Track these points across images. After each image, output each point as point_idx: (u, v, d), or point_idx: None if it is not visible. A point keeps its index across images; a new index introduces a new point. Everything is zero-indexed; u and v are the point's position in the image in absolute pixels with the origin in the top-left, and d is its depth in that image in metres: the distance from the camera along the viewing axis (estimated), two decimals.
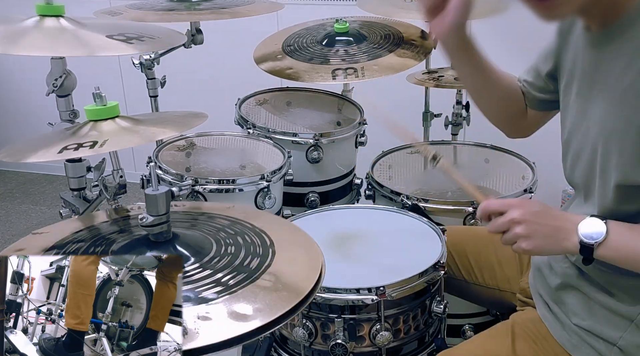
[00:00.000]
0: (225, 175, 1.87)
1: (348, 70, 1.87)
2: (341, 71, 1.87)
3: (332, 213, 1.54)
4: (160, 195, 0.96)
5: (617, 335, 1.06)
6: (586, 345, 1.09)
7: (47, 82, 1.54)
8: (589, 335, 1.09)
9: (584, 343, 1.10)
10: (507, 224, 1.05)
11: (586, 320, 1.10)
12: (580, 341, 1.10)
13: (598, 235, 0.99)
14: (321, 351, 1.26)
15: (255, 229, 1.07)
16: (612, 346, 1.07)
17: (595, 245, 0.99)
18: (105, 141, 1.09)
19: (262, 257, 0.97)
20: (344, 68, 1.88)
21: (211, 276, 0.91)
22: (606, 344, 1.07)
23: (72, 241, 1.02)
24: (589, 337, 1.09)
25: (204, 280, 0.90)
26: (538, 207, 1.06)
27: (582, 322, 1.10)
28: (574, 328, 1.11)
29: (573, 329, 1.12)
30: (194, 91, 3.00)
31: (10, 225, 3.11)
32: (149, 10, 1.82)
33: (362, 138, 2.05)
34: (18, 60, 3.37)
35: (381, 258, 1.33)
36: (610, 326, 1.07)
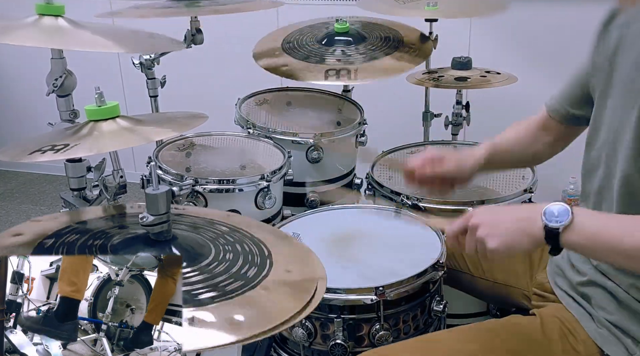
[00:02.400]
0: (225, 175, 1.87)
1: (341, 71, 1.87)
2: (334, 72, 1.87)
3: (331, 214, 1.54)
4: (161, 195, 0.96)
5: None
6: (615, 339, 1.08)
7: (47, 82, 1.54)
8: (617, 329, 1.08)
9: (613, 337, 1.08)
10: (472, 235, 1.02)
11: (613, 314, 1.08)
12: (610, 334, 1.08)
13: (562, 216, 0.95)
14: (321, 351, 1.26)
15: (254, 239, 1.07)
16: (638, 343, 1.06)
17: (561, 229, 0.94)
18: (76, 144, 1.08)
19: (259, 267, 0.96)
20: (337, 69, 1.88)
21: (208, 280, 0.90)
22: (633, 340, 1.06)
23: (70, 231, 1.02)
24: (617, 331, 1.08)
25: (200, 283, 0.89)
26: (496, 206, 1.05)
27: (610, 316, 1.09)
28: (603, 321, 1.09)
29: (602, 322, 1.10)
30: (194, 91, 3.00)
31: (10, 225, 3.08)
32: (148, 9, 1.82)
33: (362, 138, 2.05)
34: (18, 61, 3.38)
35: (380, 258, 1.33)
36: (636, 324, 1.06)
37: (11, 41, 1.19)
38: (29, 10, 1.32)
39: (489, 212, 1.04)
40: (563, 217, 0.95)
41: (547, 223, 0.95)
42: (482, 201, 1.62)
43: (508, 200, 1.66)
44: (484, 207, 1.06)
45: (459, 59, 2.07)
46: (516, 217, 1.01)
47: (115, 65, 3.23)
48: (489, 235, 1.00)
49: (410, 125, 2.39)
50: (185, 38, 1.96)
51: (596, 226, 0.96)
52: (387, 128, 2.46)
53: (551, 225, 0.95)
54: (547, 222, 0.95)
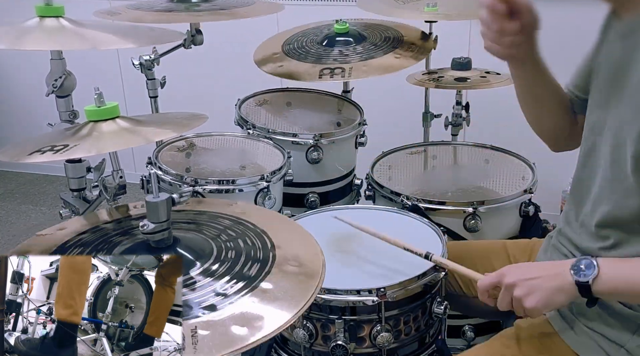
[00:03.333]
0: (225, 175, 1.87)
1: (335, 70, 1.87)
2: (328, 70, 1.87)
3: (332, 214, 1.54)
4: (162, 203, 0.96)
5: (625, 337, 1.06)
6: (594, 345, 1.09)
7: (46, 83, 1.54)
8: (597, 336, 1.09)
9: (592, 343, 1.09)
10: (507, 293, 1.07)
11: (594, 321, 1.10)
12: (589, 340, 1.10)
13: (589, 269, 1.00)
14: (321, 353, 1.25)
15: (256, 229, 1.07)
16: (619, 347, 1.07)
17: (591, 281, 1.00)
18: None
19: (262, 262, 0.96)
20: (332, 68, 1.88)
21: (210, 284, 0.90)
22: (614, 345, 1.07)
23: (74, 244, 1.02)
24: (597, 337, 1.09)
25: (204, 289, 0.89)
26: (525, 264, 1.11)
27: (590, 323, 1.10)
28: (582, 328, 1.11)
29: (582, 329, 1.11)
30: (194, 91, 3.00)
31: (10, 225, 3.10)
32: (147, 10, 1.82)
33: (362, 138, 2.05)
34: (18, 61, 3.38)
35: (381, 259, 1.32)
36: (618, 328, 1.07)
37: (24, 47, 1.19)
38: (29, 10, 1.32)
39: (522, 271, 1.08)
40: (589, 270, 1.01)
41: (577, 278, 1.01)
42: (482, 201, 1.63)
43: (508, 200, 1.66)
44: (515, 266, 1.11)
45: (458, 59, 2.07)
46: (548, 274, 1.05)
47: (115, 66, 3.23)
48: (527, 295, 1.04)
49: (410, 125, 2.39)
50: (185, 39, 1.96)
51: (622, 273, 1.01)
52: (387, 128, 2.46)
53: (581, 280, 1.01)
54: (577, 278, 1.01)
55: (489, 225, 1.64)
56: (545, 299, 1.03)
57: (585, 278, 1.00)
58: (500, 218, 1.68)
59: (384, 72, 1.87)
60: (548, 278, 1.04)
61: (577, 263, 1.02)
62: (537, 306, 1.04)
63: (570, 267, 1.02)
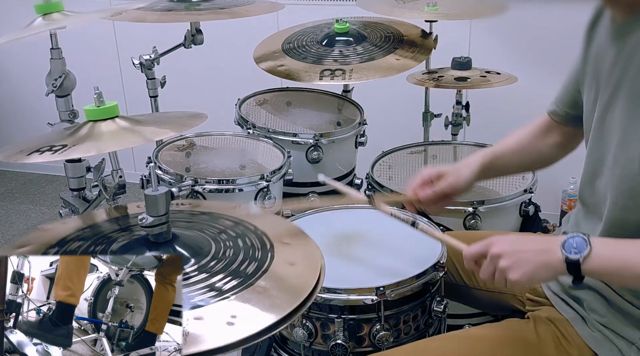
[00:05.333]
0: (225, 175, 1.87)
1: (336, 72, 1.87)
2: (329, 72, 1.87)
3: (332, 214, 1.54)
4: (160, 196, 0.96)
5: (637, 335, 1.06)
6: (608, 341, 1.08)
7: (46, 83, 1.55)
8: (609, 332, 1.08)
9: (606, 339, 1.09)
10: (492, 264, 1.05)
11: (605, 316, 1.09)
12: (603, 337, 1.09)
13: (581, 247, 0.97)
14: (321, 352, 1.25)
15: (257, 231, 1.07)
16: (631, 344, 1.06)
17: (581, 260, 0.97)
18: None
19: (259, 261, 0.96)
20: (333, 69, 1.88)
21: (206, 280, 0.90)
22: (626, 342, 1.07)
23: (74, 239, 1.02)
24: (610, 333, 1.08)
25: (199, 284, 0.89)
26: (515, 236, 1.07)
27: (602, 318, 1.09)
28: (595, 324, 1.10)
29: (595, 325, 1.10)
30: (194, 91, 3.00)
31: (10, 225, 3.10)
32: (148, 10, 1.82)
33: (362, 138, 2.05)
34: (18, 61, 3.37)
35: (381, 258, 1.32)
36: (629, 325, 1.07)
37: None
38: (28, 9, 1.32)
39: (509, 242, 1.05)
40: (582, 248, 0.97)
41: (568, 255, 0.98)
42: (482, 201, 1.63)
43: (508, 200, 1.66)
44: (503, 237, 1.07)
45: (458, 59, 2.07)
46: (537, 249, 1.02)
47: (115, 65, 3.23)
48: (511, 266, 1.02)
49: (410, 125, 2.39)
50: (185, 38, 1.97)
51: (615, 254, 0.99)
52: (387, 128, 2.46)
53: (572, 257, 0.98)
54: (567, 254, 0.98)
55: (489, 225, 1.64)
56: (530, 273, 1.01)
57: (576, 255, 0.97)
58: (500, 218, 1.68)
59: (384, 74, 1.87)
60: (536, 253, 1.01)
61: (568, 239, 0.99)
62: (521, 279, 1.01)
63: (561, 244, 0.99)
